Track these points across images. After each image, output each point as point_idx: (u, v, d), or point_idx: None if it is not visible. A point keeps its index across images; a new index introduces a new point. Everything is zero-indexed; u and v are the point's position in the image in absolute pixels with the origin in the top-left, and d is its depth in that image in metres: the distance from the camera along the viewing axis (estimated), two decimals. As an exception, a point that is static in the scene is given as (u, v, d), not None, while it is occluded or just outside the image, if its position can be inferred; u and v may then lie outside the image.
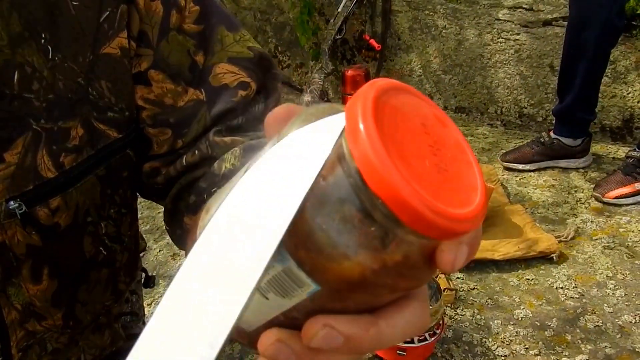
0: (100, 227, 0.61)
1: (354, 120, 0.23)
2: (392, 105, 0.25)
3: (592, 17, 1.92)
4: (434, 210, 0.23)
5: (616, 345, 1.40)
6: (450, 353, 1.41)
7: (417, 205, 0.23)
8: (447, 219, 0.23)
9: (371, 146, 0.23)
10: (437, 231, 0.24)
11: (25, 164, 0.51)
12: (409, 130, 0.25)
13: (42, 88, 0.51)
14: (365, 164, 0.23)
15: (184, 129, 0.58)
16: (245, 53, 0.60)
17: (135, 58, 0.56)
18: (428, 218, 0.23)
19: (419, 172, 0.24)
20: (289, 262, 0.26)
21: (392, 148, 0.23)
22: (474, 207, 0.25)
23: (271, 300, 0.27)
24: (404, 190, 0.23)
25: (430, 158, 0.25)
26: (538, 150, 2.18)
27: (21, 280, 0.57)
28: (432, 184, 0.24)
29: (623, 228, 1.82)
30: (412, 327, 0.28)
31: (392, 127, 0.24)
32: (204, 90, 0.58)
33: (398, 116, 0.25)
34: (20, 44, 0.50)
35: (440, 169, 0.25)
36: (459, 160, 0.27)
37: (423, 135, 0.26)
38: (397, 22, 2.84)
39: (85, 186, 0.56)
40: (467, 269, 1.69)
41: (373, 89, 0.25)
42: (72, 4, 0.52)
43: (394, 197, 0.23)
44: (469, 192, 0.26)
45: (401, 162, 0.23)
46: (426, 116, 0.27)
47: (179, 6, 0.57)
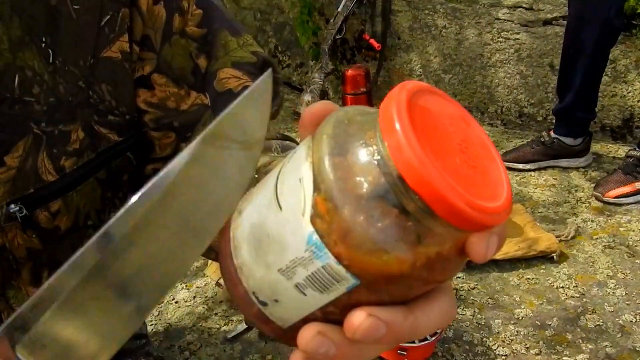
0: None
1: (390, 121, 0.25)
2: (421, 106, 0.27)
3: (590, 16, 1.92)
4: (469, 203, 0.25)
5: (617, 345, 1.40)
6: (450, 352, 1.41)
7: (452, 199, 0.24)
8: (480, 211, 0.25)
9: (408, 144, 0.24)
10: (472, 223, 0.25)
11: (25, 167, 0.52)
12: (438, 129, 0.27)
13: (42, 92, 0.51)
14: (403, 161, 0.24)
15: (188, 132, 0.58)
16: (248, 58, 0.60)
17: (138, 62, 0.56)
18: (463, 211, 0.25)
19: (451, 168, 0.25)
20: (328, 258, 0.26)
21: (426, 146, 0.25)
22: (503, 200, 0.27)
23: (309, 297, 0.28)
24: (440, 185, 0.24)
25: (460, 155, 0.27)
26: (538, 149, 2.18)
27: (21, 283, 0.57)
28: (464, 179, 0.26)
29: (623, 227, 1.82)
30: (443, 317, 0.30)
31: (424, 127, 0.26)
32: (209, 95, 0.58)
33: (428, 117, 0.27)
34: (21, 47, 0.50)
35: (470, 165, 0.27)
36: (484, 157, 0.28)
37: (451, 134, 0.28)
38: (397, 21, 2.84)
39: (86, 189, 0.56)
40: (467, 268, 1.69)
41: (404, 91, 0.26)
42: (73, 8, 0.52)
43: (431, 192, 0.24)
44: (497, 186, 0.27)
45: (435, 159, 0.25)
46: (452, 116, 0.29)
47: (181, 9, 0.57)
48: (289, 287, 0.28)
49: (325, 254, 0.26)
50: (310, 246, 0.27)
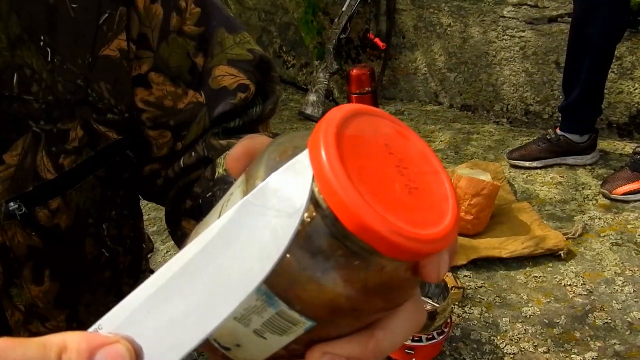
0: (101, 229, 0.61)
1: (319, 163, 0.24)
2: (352, 134, 0.26)
3: (596, 12, 1.91)
4: (408, 236, 0.24)
5: (625, 342, 1.39)
6: (458, 351, 1.41)
7: (389, 235, 0.24)
8: (421, 242, 0.24)
9: (338, 184, 0.24)
10: (414, 255, 0.25)
11: (24, 165, 0.52)
12: (373, 155, 0.26)
13: (41, 90, 0.51)
14: (335, 202, 0.24)
15: (184, 131, 0.58)
16: (244, 55, 0.60)
17: (135, 60, 0.56)
18: (403, 245, 0.24)
19: (388, 199, 0.25)
20: (280, 305, 0.26)
21: (359, 181, 0.24)
22: (447, 221, 0.26)
23: (269, 340, 0.28)
24: (375, 223, 0.23)
25: (399, 179, 0.26)
26: (545, 147, 2.17)
27: (23, 282, 0.57)
28: (403, 208, 0.25)
29: (631, 224, 1.82)
30: (409, 327, 0.29)
31: (357, 157, 0.25)
32: (204, 93, 0.58)
33: (360, 144, 0.26)
34: (20, 46, 0.50)
35: (410, 188, 0.26)
36: (426, 172, 0.28)
37: (388, 156, 0.27)
38: (402, 20, 2.84)
39: (85, 187, 0.57)
40: (475, 266, 1.68)
41: (332, 122, 0.25)
42: (71, 6, 0.52)
43: (367, 230, 0.24)
44: (441, 204, 0.27)
45: (370, 193, 0.24)
46: (388, 134, 0.28)
47: (179, 8, 0.57)
48: (248, 333, 0.28)
49: (276, 301, 0.26)
50: (261, 296, 0.26)
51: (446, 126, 2.64)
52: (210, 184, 0.53)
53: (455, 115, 2.76)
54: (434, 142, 2.50)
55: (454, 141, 2.49)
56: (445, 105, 2.86)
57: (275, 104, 0.63)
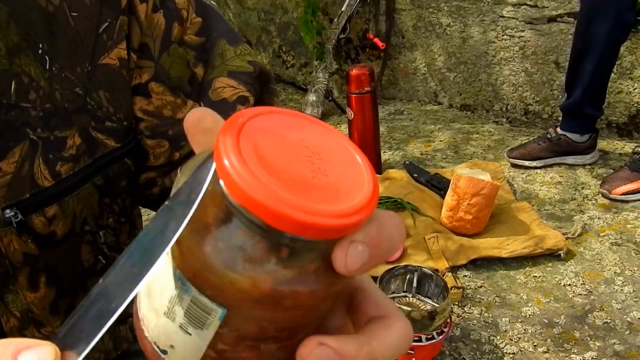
0: (98, 236, 0.61)
1: (219, 148, 0.25)
2: (260, 128, 0.27)
3: (602, 11, 1.91)
4: (301, 209, 0.24)
5: (625, 342, 1.39)
6: (458, 351, 1.41)
7: (280, 207, 0.24)
8: (316, 215, 0.24)
9: (232, 166, 0.25)
10: (311, 230, 0.24)
11: (21, 172, 0.52)
12: (279, 147, 0.27)
13: (39, 98, 0.51)
14: (230, 182, 0.25)
15: (182, 142, 0.59)
16: (245, 67, 0.60)
17: (136, 70, 0.56)
18: (295, 217, 0.24)
19: (289, 181, 0.25)
20: (192, 291, 0.27)
21: (256, 164, 0.25)
22: (355, 203, 0.26)
23: (194, 336, 0.29)
24: (268, 198, 0.24)
25: (308, 166, 0.27)
26: (545, 146, 2.17)
27: (18, 288, 0.57)
28: (306, 189, 0.25)
29: (630, 224, 1.82)
30: (400, 346, 0.29)
31: (258, 147, 0.26)
32: (203, 104, 0.58)
33: (265, 137, 0.27)
34: (18, 54, 0.50)
35: (319, 174, 0.27)
36: (345, 164, 0.28)
37: (301, 148, 0.28)
38: (401, 20, 2.84)
39: (82, 195, 0.56)
40: (474, 266, 1.68)
41: (238, 117, 0.27)
42: (71, 15, 0.52)
43: (261, 206, 0.24)
44: (354, 191, 0.27)
45: (268, 174, 0.25)
46: (306, 131, 0.29)
47: (181, 18, 0.57)
48: (176, 329, 0.29)
49: (189, 287, 0.27)
50: (177, 282, 0.28)
51: (446, 126, 2.64)
52: None
53: (455, 115, 2.76)
54: (433, 142, 2.50)
55: (454, 141, 2.49)
56: (444, 105, 2.86)
57: None
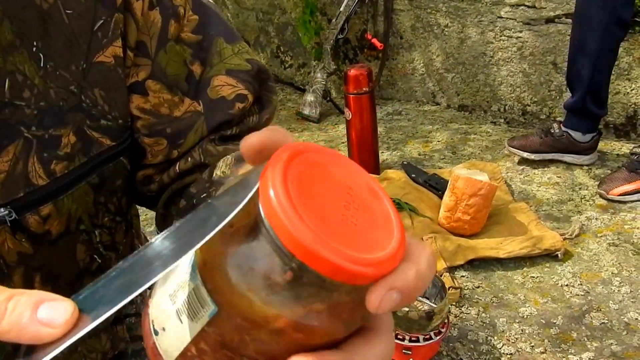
0: (94, 236, 0.61)
1: (266, 186, 0.26)
2: (305, 164, 0.28)
3: (597, 7, 1.91)
4: (342, 255, 0.25)
5: (622, 342, 1.40)
6: (455, 352, 1.41)
7: (324, 252, 0.25)
8: (353, 262, 0.26)
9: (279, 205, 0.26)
10: (348, 276, 0.26)
11: (16, 171, 0.51)
12: (319, 189, 0.28)
13: (33, 96, 0.51)
14: (273, 217, 0.26)
15: (180, 139, 0.58)
16: (243, 65, 0.60)
17: (133, 68, 0.56)
18: (329, 260, 0.25)
19: (331, 225, 0.27)
20: (197, 279, 0.29)
21: (300, 204, 0.26)
22: (389, 250, 0.27)
23: (184, 324, 0.30)
24: (310, 241, 0.25)
25: (344, 210, 0.28)
26: (546, 140, 2.16)
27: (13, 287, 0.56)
28: (344, 234, 0.27)
29: (628, 225, 1.82)
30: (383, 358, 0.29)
31: (301, 186, 0.27)
32: (202, 102, 0.58)
33: (308, 177, 0.28)
34: (12, 51, 0.50)
35: (354, 219, 0.28)
36: (375, 209, 0.29)
37: (339, 190, 0.29)
38: (399, 20, 2.84)
39: (77, 194, 0.56)
40: (472, 267, 1.69)
41: (285, 154, 0.28)
42: (66, 13, 0.52)
43: (302, 247, 0.25)
44: (385, 238, 0.28)
45: (310, 215, 0.26)
46: (343, 173, 0.30)
47: (177, 15, 0.57)
48: (173, 313, 0.30)
49: (196, 275, 0.29)
50: (190, 268, 0.30)
51: (444, 126, 2.64)
52: (207, 185, 0.53)
53: (453, 116, 2.76)
54: (431, 142, 2.50)
55: (452, 141, 2.49)
56: (442, 105, 2.86)
57: (272, 114, 0.64)
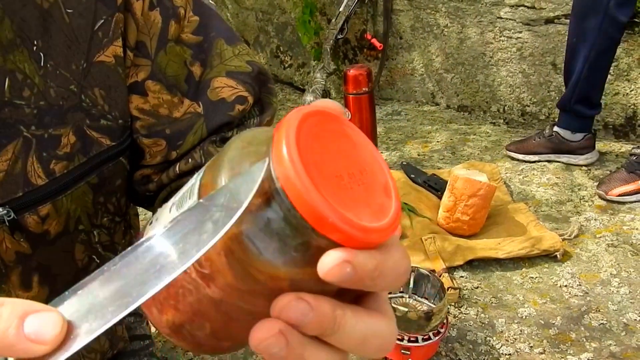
0: (92, 236, 0.60)
1: (279, 142, 0.27)
2: (314, 129, 0.28)
3: (593, 6, 1.91)
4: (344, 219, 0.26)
5: (621, 343, 1.40)
6: (454, 352, 1.41)
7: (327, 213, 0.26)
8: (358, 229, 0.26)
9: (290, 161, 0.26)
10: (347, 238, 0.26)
11: (14, 170, 0.51)
12: (328, 151, 0.29)
13: (33, 95, 0.51)
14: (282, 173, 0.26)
15: (179, 141, 0.58)
16: (243, 67, 0.60)
17: (132, 68, 0.56)
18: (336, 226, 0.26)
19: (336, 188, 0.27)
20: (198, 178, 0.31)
21: (310, 166, 0.27)
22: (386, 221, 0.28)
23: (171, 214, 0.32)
24: (316, 201, 0.26)
25: (348, 178, 0.28)
26: (540, 142, 2.18)
27: (10, 287, 0.56)
28: (347, 198, 0.27)
29: (627, 225, 1.82)
30: (374, 338, 0.29)
31: (312, 148, 0.28)
32: (202, 104, 0.58)
33: (318, 139, 0.28)
34: (12, 50, 0.49)
35: (357, 187, 0.29)
36: (376, 180, 0.30)
37: (345, 157, 0.29)
38: (399, 21, 2.84)
39: (77, 194, 0.56)
40: (471, 267, 1.69)
41: (298, 114, 0.28)
42: (66, 12, 0.51)
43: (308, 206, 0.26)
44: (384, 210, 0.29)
45: (318, 177, 0.27)
46: (350, 141, 0.30)
47: (178, 16, 0.56)
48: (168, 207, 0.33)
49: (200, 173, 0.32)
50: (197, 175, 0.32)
51: (443, 127, 2.64)
52: None
53: (452, 116, 2.76)
54: (430, 142, 2.50)
55: (451, 142, 2.49)
56: (442, 106, 2.86)
57: (273, 117, 0.64)
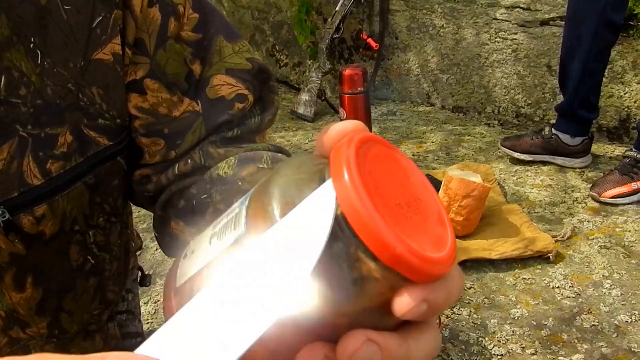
0: (88, 236, 0.59)
1: (339, 168, 0.26)
2: (369, 156, 0.27)
3: (588, 10, 1.92)
4: (411, 251, 0.25)
5: (612, 345, 1.40)
6: (446, 352, 1.41)
7: (394, 244, 0.25)
8: (423, 260, 0.25)
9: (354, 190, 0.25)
10: (413, 270, 0.25)
11: (10, 170, 0.50)
12: (385, 179, 0.28)
13: (29, 93, 0.50)
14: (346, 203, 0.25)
15: (178, 140, 0.57)
16: (243, 65, 0.59)
17: (131, 66, 0.55)
18: (405, 258, 0.25)
19: (397, 217, 0.26)
20: (245, 204, 0.29)
21: (373, 194, 0.26)
22: (447, 251, 0.27)
23: (211, 246, 0.30)
24: (384, 231, 0.25)
25: (406, 208, 0.28)
26: (537, 142, 2.18)
27: (4, 288, 0.55)
28: (409, 227, 0.26)
29: (619, 228, 1.83)
30: (432, 350, 0.30)
31: (371, 175, 0.26)
32: (200, 102, 0.57)
33: (375, 165, 0.27)
34: (8, 48, 0.48)
35: (415, 213, 0.28)
36: (432, 212, 0.29)
37: (398, 186, 0.28)
38: (395, 21, 2.84)
39: (73, 194, 0.55)
40: (464, 268, 1.69)
41: (354, 140, 0.27)
42: (64, 8, 0.50)
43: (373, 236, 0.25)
44: (442, 234, 0.28)
45: (382, 206, 0.26)
46: (403, 170, 0.29)
47: (177, 13, 0.55)
48: (207, 238, 0.31)
49: (245, 201, 0.30)
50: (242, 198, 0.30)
51: (438, 127, 2.65)
52: (207, 186, 0.52)
53: (447, 117, 2.76)
54: (425, 142, 2.51)
55: (445, 142, 2.49)
56: (437, 106, 2.87)
57: (274, 115, 0.62)
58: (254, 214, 0.28)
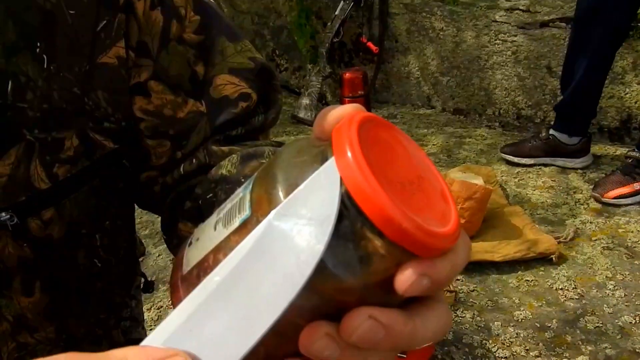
0: (95, 239, 0.60)
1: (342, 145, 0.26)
2: (371, 134, 0.28)
3: (597, 15, 1.92)
4: (416, 225, 0.25)
5: (616, 346, 1.40)
6: (450, 355, 1.41)
7: (399, 218, 0.25)
8: (429, 234, 0.26)
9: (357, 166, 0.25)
10: (418, 245, 0.26)
11: (18, 174, 0.51)
12: (389, 163, 0.28)
13: (36, 98, 0.50)
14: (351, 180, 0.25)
15: (183, 140, 0.57)
16: (246, 64, 0.59)
17: (134, 68, 0.55)
18: (409, 231, 0.25)
19: (400, 192, 0.26)
20: (248, 189, 0.29)
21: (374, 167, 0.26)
22: (450, 226, 0.28)
23: (216, 232, 0.30)
24: (388, 205, 0.25)
25: (409, 185, 0.28)
26: (535, 145, 2.19)
27: (12, 293, 0.55)
28: (412, 203, 0.26)
29: (622, 228, 1.82)
30: (440, 328, 0.29)
31: (373, 153, 0.27)
32: (205, 102, 0.57)
33: (377, 151, 0.27)
34: (15, 53, 0.49)
35: (418, 190, 0.28)
36: (435, 188, 0.29)
37: (401, 164, 0.28)
38: (395, 24, 2.85)
39: (80, 197, 0.55)
40: (467, 270, 1.69)
41: (353, 131, 0.27)
42: (69, 13, 0.51)
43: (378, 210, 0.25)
44: (445, 210, 0.29)
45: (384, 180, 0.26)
46: (405, 148, 0.30)
47: (179, 15, 0.56)
48: (212, 224, 0.31)
49: (249, 185, 0.30)
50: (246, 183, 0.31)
51: (439, 130, 2.65)
52: (212, 185, 0.53)
53: (448, 119, 2.76)
54: (426, 145, 2.51)
55: (447, 145, 2.49)
56: (437, 109, 2.87)
57: (278, 114, 0.63)
58: (259, 197, 0.28)
